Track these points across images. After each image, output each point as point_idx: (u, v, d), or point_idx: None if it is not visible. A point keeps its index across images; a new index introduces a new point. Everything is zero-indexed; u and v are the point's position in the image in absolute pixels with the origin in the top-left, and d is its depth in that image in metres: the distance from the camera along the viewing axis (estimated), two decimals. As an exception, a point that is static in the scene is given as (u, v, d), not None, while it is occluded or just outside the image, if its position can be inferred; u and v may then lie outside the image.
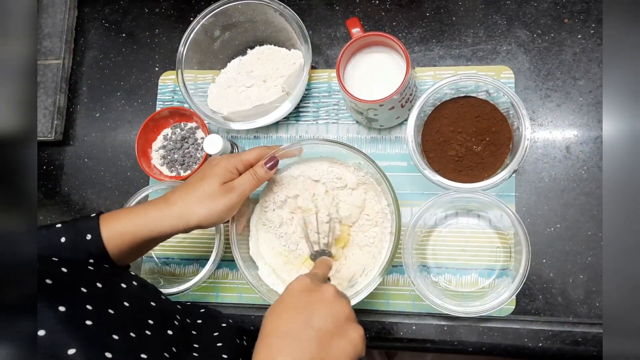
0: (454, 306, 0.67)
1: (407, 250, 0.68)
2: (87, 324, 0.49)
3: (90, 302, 0.51)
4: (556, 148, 0.76)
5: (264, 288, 0.71)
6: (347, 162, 0.74)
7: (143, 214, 0.62)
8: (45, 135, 0.88)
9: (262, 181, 0.68)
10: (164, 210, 0.62)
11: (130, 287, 0.59)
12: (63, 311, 0.48)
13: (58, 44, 0.91)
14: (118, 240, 0.61)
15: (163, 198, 0.64)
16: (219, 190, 0.64)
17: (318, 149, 0.73)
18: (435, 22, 0.82)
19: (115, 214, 0.63)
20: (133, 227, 0.61)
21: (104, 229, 0.60)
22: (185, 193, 0.64)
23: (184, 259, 0.83)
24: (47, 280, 0.50)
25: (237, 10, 0.80)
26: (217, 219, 0.64)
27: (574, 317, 0.71)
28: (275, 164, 0.69)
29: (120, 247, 0.61)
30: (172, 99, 0.88)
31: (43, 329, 0.45)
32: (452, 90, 0.71)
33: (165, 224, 0.62)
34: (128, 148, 0.88)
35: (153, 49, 0.91)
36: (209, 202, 0.63)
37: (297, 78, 0.79)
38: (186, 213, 0.62)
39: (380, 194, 0.73)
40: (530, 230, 0.73)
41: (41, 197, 0.90)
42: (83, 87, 0.92)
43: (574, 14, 0.78)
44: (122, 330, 0.51)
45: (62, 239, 0.60)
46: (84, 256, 0.60)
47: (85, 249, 0.60)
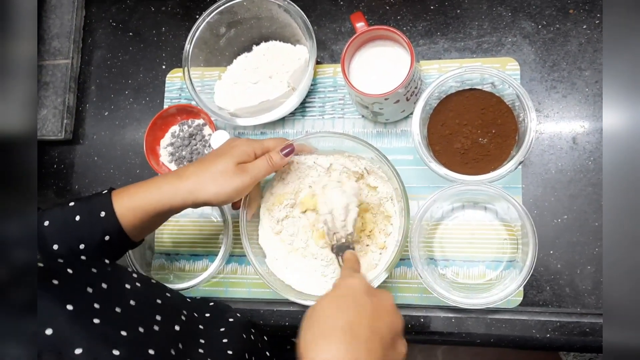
0: (462, 298, 0.67)
1: (414, 243, 0.68)
2: (95, 322, 0.49)
3: (97, 301, 0.52)
4: (562, 139, 0.75)
5: (271, 277, 0.72)
6: (361, 155, 0.74)
7: (155, 189, 0.62)
8: (55, 135, 0.89)
9: (276, 167, 0.68)
10: (176, 184, 0.63)
11: (135, 287, 0.59)
12: (71, 310, 0.48)
13: (66, 44, 0.92)
14: (131, 215, 0.62)
15: (176, 172, 0.65)
16: (234, 170, 0.64)
17: (330, 143, 0.74)
18: (440, 15, 0.82)
19: (127, 189, 0.63)
20: (146, 202, 0.62)
21: (117, 205, 0.61)
22: (200, 169, 0.64)
23: (194, 255, 0.84)
24: (54, 281, 0.50)
25: (242, 7, 0.80)
26: (226, 197, 0.64)
27: (582, 308, 0.71)
28: (291, 151, 0.69)
29: (134, 222, 0.62)
30: (180, 97, 0.89)
31: (51, 327, 0.45)
32: (458, 83, 0.71)
33: (177, 198, 0.62)
34: (137, 146, 0.89)
35: (160, 47, 0.92)
36: (221, 180, 0.63)
37: (303, 73, 0.79)
38: (197, 188, 0.62)
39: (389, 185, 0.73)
40: (537, 221, 0.73)
41: (52, 196, 0.91)
42: (92, 86, 0.93)
43: (579, 5, 0.78)
44: (130, 326, 0.52)
45: (77, 217, 0.61)
46: (100, 234, 0.61)
47: (101, 226, 0.61)
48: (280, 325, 0.79)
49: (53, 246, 0.60)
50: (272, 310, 0.80)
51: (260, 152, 0.68)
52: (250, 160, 0.66)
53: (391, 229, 0.73)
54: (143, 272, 0.77)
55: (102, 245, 0.62)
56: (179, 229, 0.85)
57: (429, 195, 0.69)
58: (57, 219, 0.61)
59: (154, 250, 0.85)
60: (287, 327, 0.79)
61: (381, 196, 0.74)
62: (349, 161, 0.74)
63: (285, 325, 0.79)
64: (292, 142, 0.70)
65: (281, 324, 0.79)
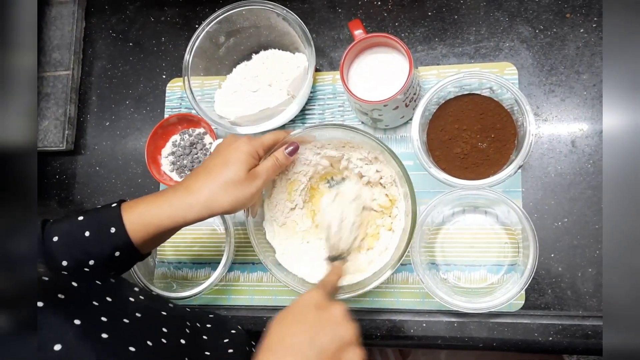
0: (464, 302, 0.67)
1: (415, 248, 0.68)
2: (104, 337, 0.49)
3: (104, 314, 0.51)
4: (562, 142, 0.76)
5: (282, 273, 0.72)
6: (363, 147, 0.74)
7: (166, 204, 0.61)
8: (57, 145, 0.90)
9: (282, 167, 0.68)
10: (188, 199, 0.61)
11: (138, 300, 0.59)
12: (79, 325, 0.48)
13: (67, 56, 0.93)
14: (142, 231, 0.61)
15: (183, 185, 0.63)
16: (246, 178, 0.63)
17: (329, 135, 0.73)
18: (438, 21, 0.83)
19: (136, 204, 0.62)
20: (157, 218, 0.61)
21: (127, 221, 0.60)
22: (209, 180, 0.62)
23: (196, 263, 0.84)
24: (60, 295, 0.50)
25: (241, 16, 0.81)
26: (242, 205, 0.63)
27: (584, 310, 0.71)
28: (295, 149, 0.69)
29: (144, 237, 0.61)
30: (180, 106, 0.90)
31: (60, 343, 0.45)
32: (456, 88, 0.72)
33: (191, 213, 0.61)
34: (138, 155, 0.89)
35: (160, 56, 0.92)
36: (234, 190, 0.62)
37: (302, 81, 0.80)
38: (212, 200, 0.61)
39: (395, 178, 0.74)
40: (538, 225, 0.74)
41: (55, 206, 0.91)
42: (92, 97, 0.94)
43: (576, 8, 0.78)
44: (138, 340, 0.52)
45: (87, 233, 0.60)
46: (110, 249, 0.60)
47: (111, 241, 0.60)
48: (283, 332, 0.79)
49: (62, 262, 0.60)
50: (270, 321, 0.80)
51: (262, 150, 0.67)
52: (256, 163, 0.66)
53: (397, 211, 0.74)
54: (146, 280, 0.77)
55: (112, 260, 0.61)
56: (181, 237, 0.85)
57: (430, 200, 0.69)
58: (65, 234, 0.60)
59: (156, 258, 0.85)
60: (290, 334, 0.79)
61: (385, 181, 0.74)
62: (350, 149, 0.74)
63: (288, 332, 0.79)
64: (294, 140, 0.70)
65: (284, 331, 0.79)
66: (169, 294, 0.76)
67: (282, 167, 0.68)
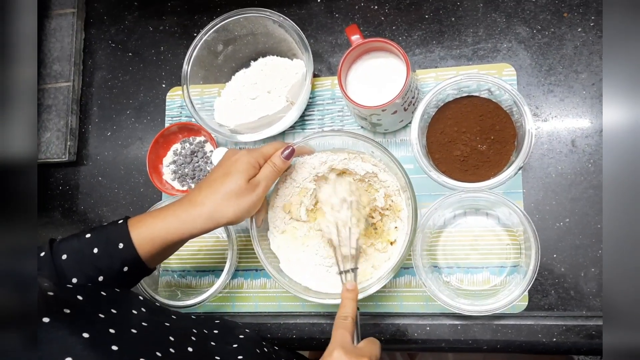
0: (467, 305, 0.67)
1: (417, 251, 0.68)
2: (113, 349, 0.49)
3: (112, 326, 0.52)
4: (561, 142, 0.76)
5: (287, 280, 0.72)
6: (362, 151, 0.75)
7: (173, 218, 0.63)
8: (59, 157, 0.90)
9: (281, 172, 0.69)
10: (192, 212, 0.63)
11: (140, 313, 0.59)
12: (87, 337, 0.48)
13: (67, 67, 0.93)
14: (150, 245, 0.62)
15: (188, 199, 0.65)
16: (246, 187, 0.64)
17: (330, 143, 0.74)
18: (435, 24, 0.83)
19: (143, 219, 0.63)
20: (164, 232, 0.62)
21: (135, 236, 0.62)
22: (212, 192, 0.64)
23: (200, 271, 0.85)
24: (66, 310, 0.50)
25: (238, 25, 0.81)
26: (246, 214, 0.65)
27: (587, 310, 0.71)
28: (291, 153, 0.69)
29: (152, 251, 0.63)
30: (180, 114, 0.90)
31: (70, 356, 0.45)
32: (455, 90, 0.72)
33: (197, 225, 0.63)
34: (140, 165, 0.90)
35: (159, 66, 0.93)
36: (236, 200, 0.64)
37: (301, 87, 0.80)
38: (216, 211, 0.63)
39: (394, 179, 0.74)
40: (540, 225, 0.73)
41: (59, 217, 0.92)
42: (93, 108, 0.94)
43: (573, 8, 0.78)
44: (147, 351, 0.52)
45: (95, 249, 0.61)
46: (119, 265, 0.62)
47: (120, 257, 0.61)
48: (287, 337, 0.80)
49: (72, 279, 0.61)
50: (279, 324, 0.80)
51: (262, 160, 0.68)
52: (257, 172, 0.67)
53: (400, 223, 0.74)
54: (151, 290, 0.78)
55: (121, 275, 0.62)
56: (185, 246, 0.84)
57: (431, 203, 0.69)
58: (74, 252, 0.61)
59: (160, 267, 0.86)
60: (294, 340, 0.79)
61: (391, 190, 0.74)
62: (352, 157, 0.75)
63: (293, 338, 0.79)
64: (291, 144, 0.70)
65: (288, 337, 0.80)
66: (174, 303, 0.77)
67: (280, 172, 0.69)
